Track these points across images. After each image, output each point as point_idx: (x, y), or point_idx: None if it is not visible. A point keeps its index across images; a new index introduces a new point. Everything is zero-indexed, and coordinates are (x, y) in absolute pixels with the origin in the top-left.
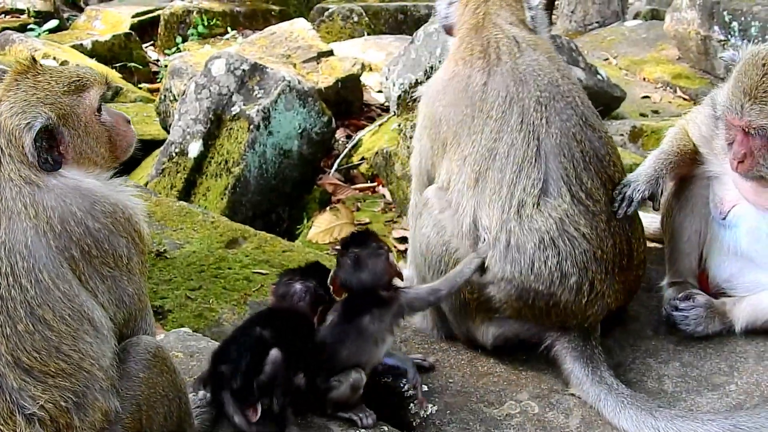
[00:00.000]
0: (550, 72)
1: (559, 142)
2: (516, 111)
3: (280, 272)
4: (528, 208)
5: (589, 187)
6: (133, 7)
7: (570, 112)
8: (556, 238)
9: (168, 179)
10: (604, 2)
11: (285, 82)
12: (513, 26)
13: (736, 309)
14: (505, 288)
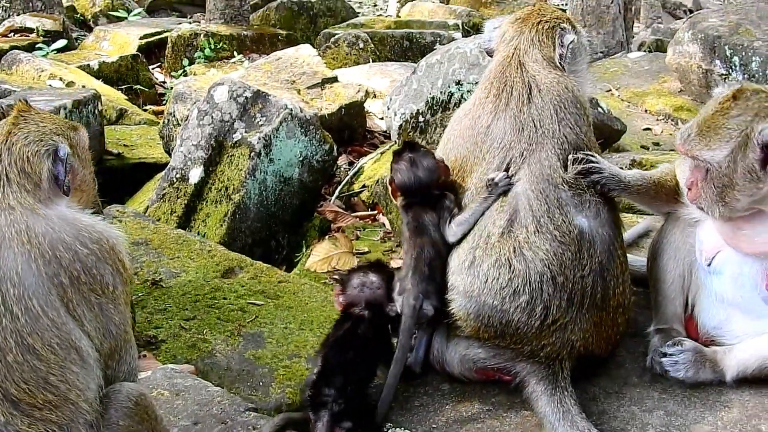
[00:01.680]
0: (549, 123)
1: (533, 187)
2: (500, 157)
3: (346, 272)
4: (494, 237)
5: (560, 223)
6: (142, 29)
7: (554, 159)
8: (512, 258)
9: (168, 204)
10: (609, 32)
11: (287, 109)
12: (538, 65)
13: (727, 358)
14: (463, 303)
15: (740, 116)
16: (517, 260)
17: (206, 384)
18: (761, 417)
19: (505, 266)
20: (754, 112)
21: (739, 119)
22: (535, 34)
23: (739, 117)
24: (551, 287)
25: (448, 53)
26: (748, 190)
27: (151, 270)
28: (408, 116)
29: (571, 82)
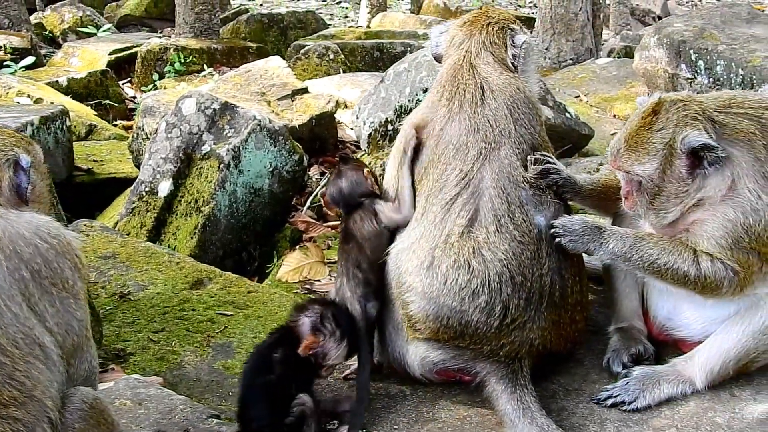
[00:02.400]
0: (504, 123)
1: (494, 184)
2: (459, 158)
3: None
4: (453, 237)
5: (521, 222)
6: (111, 44)
7: (514, 158)
8: (471, 259)
9: (138, 218)
10: (578, 40)
11: (255, 121)
12: (490, 67)
13: (690, 366)
14: (422, 305)
15: (663, 129)
16: (476, 261)
17: (169, 393)
18: (717, 409)
19: (464, 267)
20: (674, 123)
21: (662, 132)
22: (485, 36)
23: (662, 130)
24: (510, 287)
25: (415, 61)
26: (678, 197)
27: (119, 283)
28: (377, 125)
29: (522, 82)
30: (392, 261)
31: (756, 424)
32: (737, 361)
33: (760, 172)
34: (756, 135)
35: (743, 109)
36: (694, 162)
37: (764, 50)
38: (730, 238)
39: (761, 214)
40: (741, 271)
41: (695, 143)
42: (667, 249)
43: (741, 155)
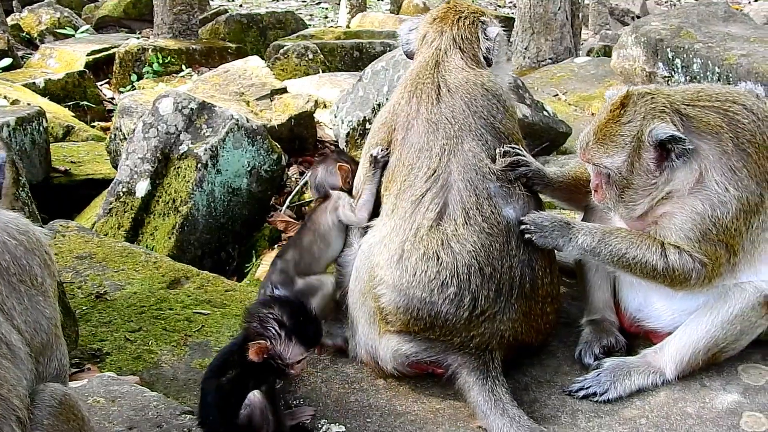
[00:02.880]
0: (463, 117)
1: (462, 177)
2: (424, 157)
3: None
4: (423, 230)
5: (489, 214)
6: (89, 45)
7: (478, 150)
8: (439, 251)
9: (115, 219)
10: (557, 39)
11: (233, 120)
12: (455, 65)
13: (660, 357)
14: (393, 297)
15: (630, 122)
16: (444, 253)
17: (143, 389)
18: (687, 399)
19: (433, 259)
20: (642, 115)
21: (630, 125)
22: (456, 31)
23: (630, 123)
24: (479, 278)
25: (392, 60)
26: (647, 190)
27: (96, 283)
28: (355, 123)
29: (483, 76)
30: (364, 255)
31: (725, 413)
32: (706, 352)
33: (728, 164)
34: (723, 128)
35: (710, 102)
36: (662, 154)
37: (740, 48)
38: (698, 230)
39: (728, 206)
40: (709, 263)
41: (662, 136)
42: (636, 243)
43: (708, 148)
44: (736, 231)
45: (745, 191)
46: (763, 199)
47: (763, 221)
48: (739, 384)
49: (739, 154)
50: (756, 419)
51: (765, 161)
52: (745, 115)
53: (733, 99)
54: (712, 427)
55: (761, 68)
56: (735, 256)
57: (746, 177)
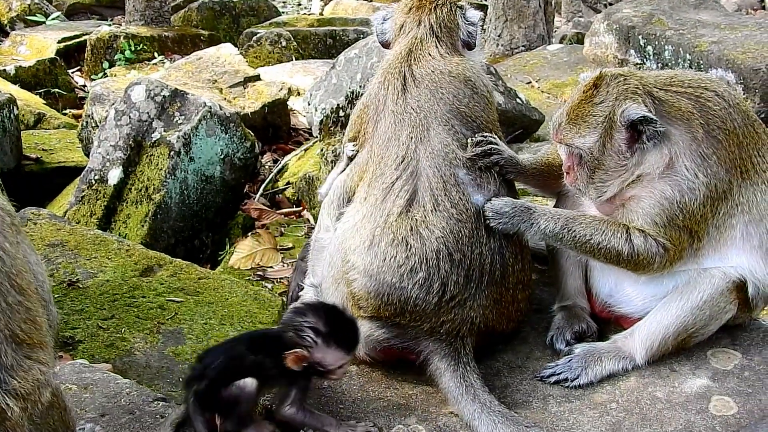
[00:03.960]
0: (428, 105)
1: (430, 164)
2: (392, 146)
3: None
4: (392, 216)
5: (458, 201)
6: (60, 32)
7: (444, 136)
8: (408, 237)
9: (87, 207)
10: (530, 26)
11: (206, 107)
12: (425, 55)
13: (630, 341)
14: (364, 282)
15: (603, 102)
16: (413, 239)
17: (115, 377)
18: (657, 384)
19: (401, 245)
20: (614, 96)
21: (603, 105)
22: (435, 20)
23: (603, 103)
24: (448, 263)
25: (365, 47)
26: (618, 172)
27: (68, 271)
28: (329, 111)
29: (451, 64)
30: (337, 241)
31: (694, 397)
32: (676, 337)
33: (698, 151)
34: (694, 114)
35: (683, 88)
36: (633, 136)
37: (711, 35)
38: (666, 215)
39: (696, 193)
40: (672, 248)
41: (634, 116)
42: (600, 228)
43: (679, 134)
44: (702, 217)
45: (714, 178)
46: (732, 186)
47: (730, 207)
48: (708, 368)
49: (710, 140)
50: (724, 403)
51: (735, 148)
52: (716, 102)
53: (705, 86)
54: (681, 411)
55: (731, 55)
56: (699, 241)
57: (716, 164)
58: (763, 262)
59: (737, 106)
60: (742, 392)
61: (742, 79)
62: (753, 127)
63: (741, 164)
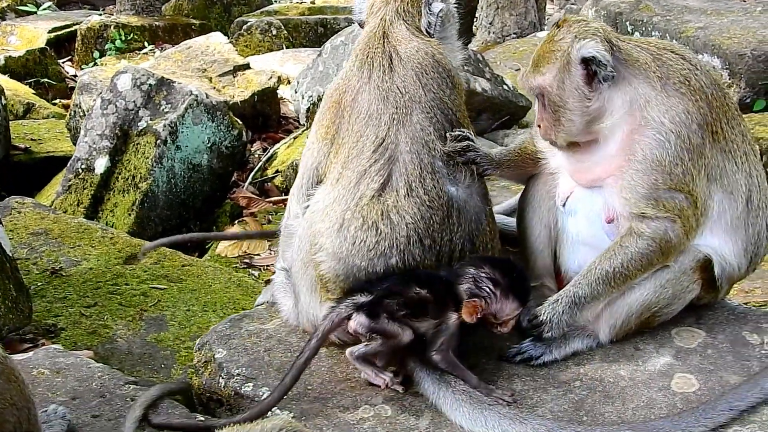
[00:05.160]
0: (413, 89)
1: (409, 149)
2: (372, 125)
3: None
4: (364, 200)
5: (431, 188)
6: (51, 22)
7: (426, 123)
8: (378, 221)
9: (74, 196)
10: (522, 14)
11: (192, 96)
12: (401, 34)
13: (594, 321)
14: (333, 265)
15: (563, 39)
16: (383, 223)
17: (88, 361)
18: (621, 362)
19: (372, 229)
20: (574, 34)
21: (562, 41)
22: (400, 3)
23: (562, 40)
24: (419, 249)
25: (352, 34)
26: (579, 108)
27: (51, 259)
28: (315, 99)
29: (432, 48)
30: (307, 224)
31: (657, 375)
32: (639, 315)
33: (662, 100)
34: (651, 66)
35: (646, 45)
36: (589, 74)
37: (697, 21)
38: (650, 182)
39: (667, 145)
40: (674, 217)
41: (587, 53)
42: (612, 252)
43: (638, 82)
44: (684, 173)
45: (685, 128)
46: (704, 142)
47: (709, 169)
48: (672, 347)
49: (672, 92)
50: (686, 380)
51: (704, 105)
52: (678, 62)
53: (670, 48)
54: (643, 388)
55: (717, 40)
56: (696, 207)
57: (684, 113)
58: (732, 242)
59: (706, 72)
60: (704, 369)
61: (727, 65)
62: (723, 96)
63: (712, 124)
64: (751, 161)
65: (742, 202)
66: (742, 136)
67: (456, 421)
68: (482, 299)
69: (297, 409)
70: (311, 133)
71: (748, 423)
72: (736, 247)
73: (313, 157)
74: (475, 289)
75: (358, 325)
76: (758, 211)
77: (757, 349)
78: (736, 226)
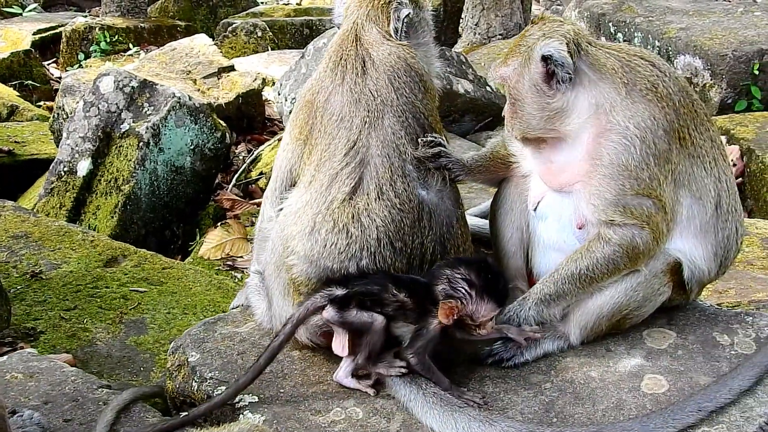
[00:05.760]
0: (386, 92)
1: (380, 153)
2: (344, 128)
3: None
4: (336, 203)
5: (402, 191)
6: (36, 24)
7: (398, 128)
8: (349, 224)
9: (57, 198)
10: (507, 15)
11: (175, 98)
12: (373, 38)
13: (565, 323)
14: (304, 268)
15: (532, 35)
16: (353, 226)
17: (62, 365)
18: (592, 364)
19: (342, 232)
20: (543, 32)
21: (531, 37)
22: (371, 8)
23: (531, 36)
24: (390, 251)
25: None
26: (537, 104)
27: (31, 262)
28: None
29: (405, 52)
30: (279, 227)
31: (627, 376)
32: (610, 318)
33: (627, 106)
34: (618, 72)
35: (616, 51)
36: (549, 72)
37: (679, 22)
38: (617, 187)
39: (632, 150)
40: (642, 224)
41: (546, 51)
42: (579, 255)
43: (605, 86)
44: (651, 178)
45: (650, 133)
46: (671, 148)
47: (676, 174)
48: (643, 348)
49: (638, 98)
50: (656, 381)
51: (671, 111)
52: (647, 68)
53: (640, 55)
54: (613, 389)
55: (699, 41)
56: (665, 212)
57: (649, 119)
58: (702, 246)
59: (675, 79)
60: (675, 370)
61: (709, 65)
62: (691, 103)
63: (679, 130)
64: (720, 166)
65: (711, 207)
66: (711, 141)
67: (427, 423)
68: (458, 300)
69: (269, 413)
70: (285, 133)
71: (716, 424)
72: (706, 251)
73: (287, 159)
74: (450, 290)
75: (330, 315)
76: (727, 216)
77: (727, 350)
78: (705, 230)
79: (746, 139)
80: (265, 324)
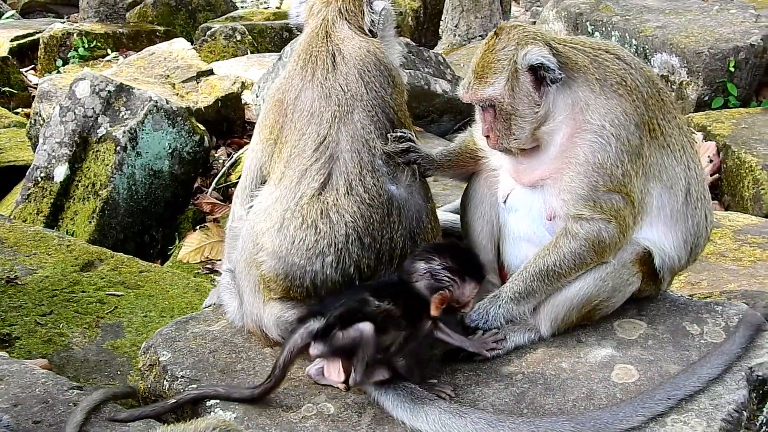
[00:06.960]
0: (356, 87)
1: (350, 147)
2: (314, 123)
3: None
4: (305, 199)
5: (371, 186)
6: (13, 31)
7: (367, 122)
8: (317, 220)
9: (34, 204)
10: (487, 16)
11: (152, 102)
12: (344, 34)
13: (535, 315)
14: (273, 264)
15: (505, 48)
16: (322, 222)
17: (32, 368)
18: (563, 355)
19: (311, 228)
20: (515, 41)
21: (505, 50)
22: (342, 3)
23: (505, 49)
24: (358, 247)
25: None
26: (530, 115)
27: (6, 268)
28: None
29: (374, 46)
30: (249, 224)
31: (597, 366)
32: (580, 309)
33: (601, 103)
34: (589, 69)
35: (581, 47)
36: (537, 78)
37: (656, 21)
38: (588, 184)
39: (609, 148)
40: (610, 218)
41: (534, 60)
42: (546, 250)
43: (578, 85)
44: (624, 176)
45: (624, 130)
46: (642, 143)
47: (647, 168)
48: (613, 338)
49: (610, 94)
50: (627, 371)
51: (640, 104)
52: (614, 62)
53: (605, 48)
54: (584, 380)
55: (675, 39)
56: (633, 206)
57: (622, 115)
58: (672, 234)
59: (640, 70)
60: (645, 360)
61: (685, 63)
62: (658, 92)
63: (649, 122)
64: (689, 153)
65: (682, 196)
66: (678, 129)
67: (398, 417)
68: (446, 290)
69: (240, 409)
70: (254, 134)
71: (685, 412)
72: (676, 239)
73: (257, 158)
74: (435, 283)
75: (318, 351)
76: (697, 203)
77: (696, 339)
78: (676, 218)
79: (723, 135)
80: (237, 322)
